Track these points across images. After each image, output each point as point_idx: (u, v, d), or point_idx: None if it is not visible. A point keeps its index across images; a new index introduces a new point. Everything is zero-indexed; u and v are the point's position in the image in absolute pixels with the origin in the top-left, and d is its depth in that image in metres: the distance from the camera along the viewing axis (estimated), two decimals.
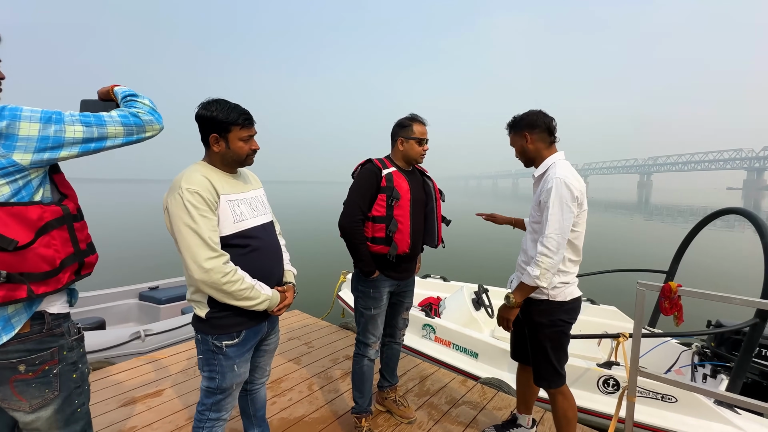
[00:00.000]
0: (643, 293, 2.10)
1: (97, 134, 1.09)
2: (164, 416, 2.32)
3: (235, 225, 1.41)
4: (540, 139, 1.78)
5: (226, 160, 1.46)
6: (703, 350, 3.23)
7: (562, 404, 1.84)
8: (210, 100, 1.40)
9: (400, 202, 1.91)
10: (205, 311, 1.41)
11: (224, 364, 1.45)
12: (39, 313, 1.08)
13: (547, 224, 1.62)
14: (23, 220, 1.00)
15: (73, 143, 1.05)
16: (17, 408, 1.06)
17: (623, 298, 4.26)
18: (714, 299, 1.90)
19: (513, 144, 1.88)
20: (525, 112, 1.83)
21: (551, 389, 1.84)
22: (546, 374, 1.82)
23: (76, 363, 1.16)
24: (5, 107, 0.99)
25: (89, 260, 1.18)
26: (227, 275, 1.32)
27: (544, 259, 1.62)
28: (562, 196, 1.61)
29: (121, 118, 1.14)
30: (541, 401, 2.74)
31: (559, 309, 1.76)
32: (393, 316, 2.24)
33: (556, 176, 1.64)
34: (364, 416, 2.16)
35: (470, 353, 3.34)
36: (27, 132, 0.98)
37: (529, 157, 1.84)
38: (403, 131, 1.99)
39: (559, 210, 1.61)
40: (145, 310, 4.53)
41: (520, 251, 1.91)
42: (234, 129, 1.40)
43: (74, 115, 1.07)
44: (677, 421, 2.56)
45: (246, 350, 1.51)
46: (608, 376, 2.77)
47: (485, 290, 4.42)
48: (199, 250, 1.29)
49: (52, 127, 1.02)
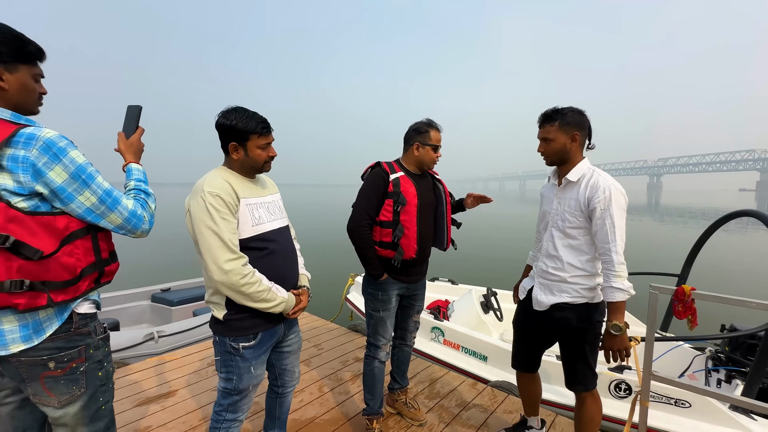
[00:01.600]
0: (656, 296, 2.08)
1: (100, 212, 1.12)
2: (178, 416, 2.36)
3: (254, 228, 1.45)
4: (582, 143, 1.73)
5: (245, 167, 1.50)
6: (717, 355, 3.19)
7: (591, 407, 1.82)
8: (229, 108, 1.43)
9: (406, 208, 1.92)
10: (223, 313, 1.44)
11: (241, 365, 1.48)
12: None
13: (615, 232, 1.58)
14: (50, 230, 1.04)
15: (77, 207, 1.08)
16: (47, 403, 1.11)
17: (633, 302, 4.22)
18: (729, 303, 1.88)
19: (553, 138, 1.72)
20: (569, 108, 1.71)
21: (587, 391, 1.82)
22: (584, 377, 1.80)
23: (102, 361, 1.20)
24: (55, 143, 1.03)
25: (109, 269, 1.22)
26: (246, 277, 1.36)
27: (621, 268, 1.59)
28: (621, 203, 1.61)
29: (129, 215, 1.17)
30: (549, 404, 2.73)
31: (596, 310, 1.75)
32: (404, 319, 2.25)
33: (609, 184, 1.61)
34: (376, 418, 2.18)
35: (480, 356, 3.34)
36: (55, 176, 1.03)
37: (564, 157, 1.74)
38: (420, 137, 1.99)
39: (621, 216, 1.60)
40: (157, 312, 4.61)
41: (545, 256, 1.83)
42: (252, 137, 1.44)
43: (100, 187, 1.11)
44: (692, 426, 2.53)
45: (262, 352, 1.54)
46: (620, 380, 2.74)
47: (494, 293, 4.41)
48: (219, 252, 1.33)
49: (75, 184, 1.06)
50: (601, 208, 1.60)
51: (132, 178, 1.30)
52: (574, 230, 1.71)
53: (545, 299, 1.81)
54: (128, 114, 1.39)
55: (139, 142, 1.37)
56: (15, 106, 1.08)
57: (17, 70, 1.07)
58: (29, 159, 0.99)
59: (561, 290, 1.76)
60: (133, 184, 1.29)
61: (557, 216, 1.77)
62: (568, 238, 1.74)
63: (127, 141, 1.35)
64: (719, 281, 8.50)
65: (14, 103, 1.08)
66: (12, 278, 0.98)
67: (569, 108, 1.71)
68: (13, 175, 0.98)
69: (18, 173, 0.99)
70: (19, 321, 1.04)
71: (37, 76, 1.13)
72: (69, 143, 1.07)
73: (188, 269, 8.47)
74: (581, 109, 1.72)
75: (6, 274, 0.97)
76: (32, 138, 1.01)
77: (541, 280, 1.86)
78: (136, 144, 1.36)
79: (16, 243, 0.97)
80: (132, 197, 1.23)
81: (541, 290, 1.84)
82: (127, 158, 1.34)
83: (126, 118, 1.39)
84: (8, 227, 0.96)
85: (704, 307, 2.28)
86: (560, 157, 1.75)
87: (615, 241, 1.58)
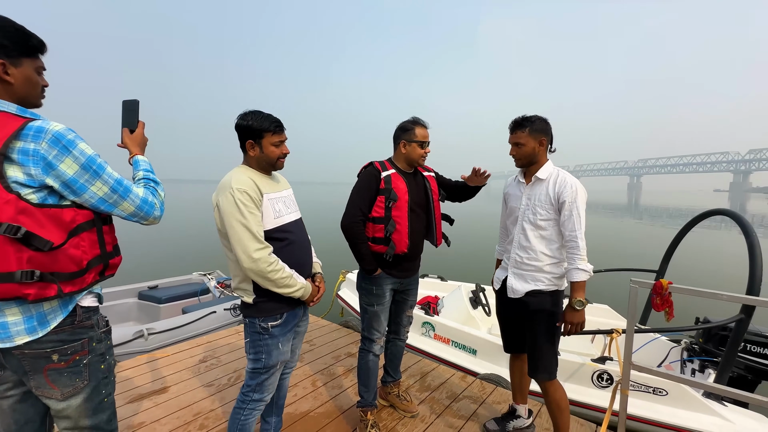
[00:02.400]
0: (636, 290, 2.20)
1: (113, 201, 1.15)
2: (171, 412, 2.36)
3: (276, 220, 1.59)
4: (547, 147, 1.93)
5: (261, 164, 1.63)
6: (691, 346, 3.36)
7: (555, 394, 1.94)
8: (247, 111, 1.58)
9: (397, 204, 1.99)
10: (252, 297, 1.59)
11: (270, 343, 1.62)
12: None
13: (581, 222, 1.80)
14: (58, 222, 1.05)
15: (91, 197, 1.10)
16: (50, 396, 1.12)
17: (615, 297, 4.40)
18: (703, 296, 2.01)
19: (523, 143, 1.90)
20: (536, 116, 1.91)
21: (550, 380, 1.92)
22: (549, 365, 1.91)
23: (104, 354, 1.21)
24: (63, 136, 1.04)
25: (113, 262, 1.23)
26: (272, 264, 1.50)
27: (585, 252, 1.79)
28: (584, 199, 1.83)
29: (141, 202, 1.21)
30: (535, 395, 2.84)
31: (562, 296, 1.93)
32: (397, 314, 2.30)
33: (574, 182, 1.84)
34: (370, 410, 2.23)
35: (469, 350, 3.43)
36: (66, 168, 1.04)
37: (533, 159, 1.93)
38: (406, 134, 2.05)
39: (583, 210, 1.81)
40: (144, 310, 4.54)
41: (518, 248, 1.97)
42: (266, 135, 1.57)
43: (111, 176, 1.13)
44: (668, 413, 2.68)
45: (288, 330, 1.68)
46: (602, 370, 2.87)
47: (482, 289, 4.52)
48: (249, 243, 1.46)
49: (86, 175, 1.08)
50: (569, 201, 1.81)
51: (140, 168, 1.33)
52: (544, 222, 1.89)
53: (520, 287, 1.96)
54: (126, 108, 1.40)
55: (142, 135, 1.41)
56: (20, 99, 1.09)
57: (22, 64, 1.07)
58: (39, 152, 1.00)
59: (535, 279, 1.92)
60: (141, 174, 1.31)
61: (528, 210, 1.93)
62: (539, 230, 1.91)
63: (131, 135, 1.38)
64: (695, 277, 8.86)
65: (19, 96, 1.08)
66: (23, 269, 0.98)
67: (536, 116, 1.91)
68: (24, 168, 0.99)
69: (29, 166, 0.99)
70: (24, 313, 1.05)
71: (40, 69, 1.13)
72: (77, 136, 1.08)
73: (177, 266, 8.34)
74: (545, 117, 1.92)
75: (17, 264, 0.98)
76: (41, 131, 1.02)
77: (515, 270, 2.00)
78: (140, 137, 1.40)
79: (27, 234, 0.98)
80: (142, 186, 1.26)
81: (516, 279, 1.98)
82: (133, 151, 1.37)
83: (124, 113, 1.40)
84: (19, 219, 0.97)
85: (680, 302, 2.41)
86: (530, 160, 1.94)
87: (581, 229, 1.79)
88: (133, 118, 1.39)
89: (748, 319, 2.51)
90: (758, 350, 2.89)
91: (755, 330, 2.93)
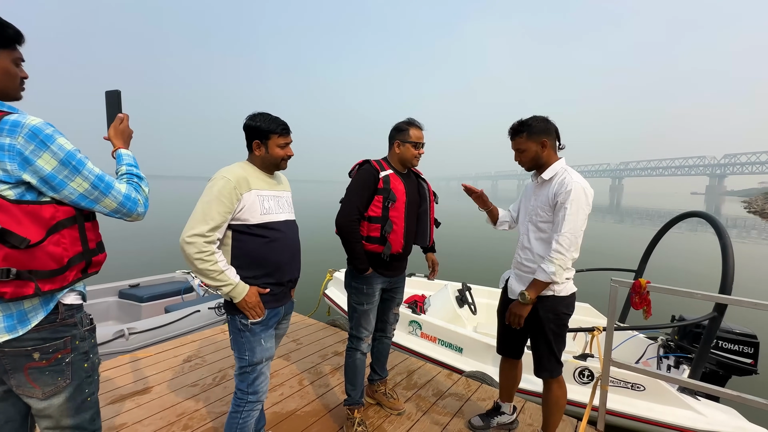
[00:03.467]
0: (616, 289, 2.28)
1: (94, 197, 1.12)
2: (155, 413, 2.32)
3: (261, 216, 1.60)
4: (552, 146, 1.87)
5: (265, 163, 1.68)
6: (667, 343, 3.49)
7: (557, 392, 1.97)
8: (255, 113, 1.64)
9: (396, 204, 2.00)
10: None
11: (252, 339, 1.62)
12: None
13: (564, 224, 1.74)
14: (36, 219, 1.02)
15: (70, 193, 1.08)
16: (31, 395, 1.09)
17: (595, 296, 4.52)
18: (679, 294, 2.10)
19: (524, 148, 1.88)
20: (532, 118, 1.86)
21: (552, 378, 1.96)
22: (549, 365, 1.93)
23: (88, 353, 1.19)
24: (41, 131, 1.01)
25: (97, 259, 1.21)
26: (202, 253, 1.46)
27: (558, 257, 1.74)
28: (580, 200, 1.74)
29: (123, 198, 1.18)
30: (521, 392, 2.90)
31: (562, 303, 1.88)
32: (384, 312, 2.32)
33: (575, 181, 1.75)
34: (357, 408, 2.24)
35: (455, 348, 3.47)
36: (44, 163, 1.02)
37: (539, 162, 1.88)
38: (400, 135, 2.06)
39: (576, 212, 1.73)
40: (125, 309, 4.43)
41: (520, 248, 1.99)
42: (273, 137, 1.63)
43: (92, 172, 1.10)
44: (645, 407, 2.78)
45: (269, 327, 1.68)
46: (583, 367, 2.95)
47: (468, 288, 4.58)
48: (196, 224, 1.46)
49: (65, 171, 1.05)
50: (561, 201, 1.76)
51: (123, 163, 1.30)
52: (544, 224, 1.87)
53: (517, 289, 1.96)
54: (109, 100, 1.37)
55: (127, 127, 1.38)
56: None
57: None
58: (15, 147, 0.97)
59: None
60: (124, 168, 1.28)
61: (532, 211, 1.92)
62: (540, 232, 1.89)
63: (116, 127, 1.34)
64: (672, 277, 9.17)
65: None
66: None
67: (533, 118, 1.86)
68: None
69: (5, 161, 0.97)
70: (3, 311, 1.02)
71: (18, 60, 1.10)
72: (55, 130, 1.05)
73: (160, 265, 8.16)
74: (545, 116, 1.87)
75: None
76: (17, 125, 0.99)
77: (516, 271, 2.01)
78: (124, 130, 1.36)
79: (3, 231, 0.95)
80: (125, 181, 1.23)
81: (516, 280, 1.99)
82: (116, 144, 1.34)
83: (107, 104, 1.37)
84: None
85: (656, 300, 2.51)
86: (535, 163, 1.91)
87: (562, 233, 1.74)
88: (115, 110, 1.36)
89: (721, 317, 2.62)
90: (729, 347, 3.02)
91: (727, 327, 3.06)
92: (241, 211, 1.54)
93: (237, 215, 1.54)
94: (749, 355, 2.96)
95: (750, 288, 8.32)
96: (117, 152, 1.33)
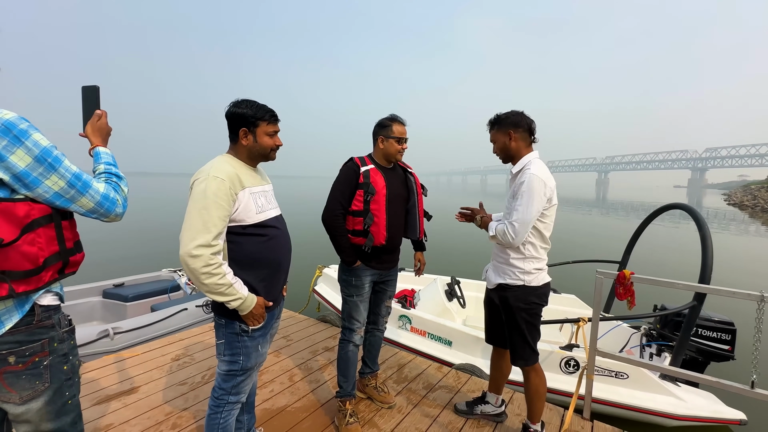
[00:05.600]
0: (601, 280, 2.33)
1: (70, 196, 1.07)
2: (142, 413, 2.29)
3: (258, 215, 1.52)
4: (521, 138, 1.94)
5: (252, 154, 1.56)
6: (650, 332, 3.59)
7: (535, 380, 2.01)
8: (240, 100, 1.51)
9: (375, 197, 2.04)
10: None
11: (249, 345, 1.55)
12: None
13: (514, 212, 1.83)
14: (10, 217, 0.98)
15: (45, 191, 1.03)
16: (7, 400, 1.05)
17: (581, 287, 4.62)
18: (661, 285, 2.15)
19: (495, 140, 2.00)
20: (508, 112, 1.97)
21: (527, 366, 2.00)
22: (523, 353, 1.98)
23: (67, 355, 1.16)
24: (15, 125, 0.97)
25: (74, 259, 1.16)
26: (209, 267, 1.34)
27: (504, 237, 1.88)
28: (532, 190, 1.80)
29: (101, 198, 1.13)
30: (511, 383, 2.95)
31: (533, 293, 1.94)
32: (376, 304, 2.34)
33: (532, 173, 1.83)
34: (348, 400, 2.25)
35: (444, 341, 3.51)
36: (17, 160, 0.97)
37: (509, 154, 1.98)
38: (384, 131, 2.11)
39: (527, 202, 1.80)
40: (110, 308, 4.34)
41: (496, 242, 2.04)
42: (261, 124, 1.51)
43: (68, 170, 1.06)
44: (628, 394, 2.86)
45: (267, 331, 1.63)
46: (569, 357, 3.02)
47: (457, 282, 4.62)
48: (198, 234, 1.33)
49: (40, 168, 1.01)
50: (515, 191, 1.87)
51: (101, 161, 1.25)
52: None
53: (493, 279, 2.03)
54: (86, 95, 1.32)
55: (105, 124, 1.32)
56: None
57: None
58: None
59: (504, 272, 1.98)
60: (102, 167, 1.24)
61: (508, 204, 1.98)
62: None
63: (94, 124, 1.29)
64: (654, 268, 9.41)
65: None
66: None
67: (508, 112, 1.97)
68: None
69: None
70: None
71: None
72: (30, 125, 1.01)
73: (144, 263, 8.00)
74: (520, 111, 1.97)
75: None
76: None
77: (494, 262, 2.08)
78: (102, 127, 1.31)
79: None
80: (103, 180, 1.19)
81: (492, 271, 2.06)
82: (94, 142, 1.29)
83: (84, 100, 1.32)
84: None
85: (639, 290, 2.57)
86: (505, 154, 2.00)
87: (510, 220, 1.85)
88: (92, 105, 1.31)
89: (700, 306, 2.71)
90: (708, 334, 3.12)
91: (706, 315, 3.16)
92: (237, 212, 1.44)
93: (233, 217, 1.44)
94: (727, 342, 3.07)
95: (728, 277, 8.60)
96: (94, 150, 1.28)
